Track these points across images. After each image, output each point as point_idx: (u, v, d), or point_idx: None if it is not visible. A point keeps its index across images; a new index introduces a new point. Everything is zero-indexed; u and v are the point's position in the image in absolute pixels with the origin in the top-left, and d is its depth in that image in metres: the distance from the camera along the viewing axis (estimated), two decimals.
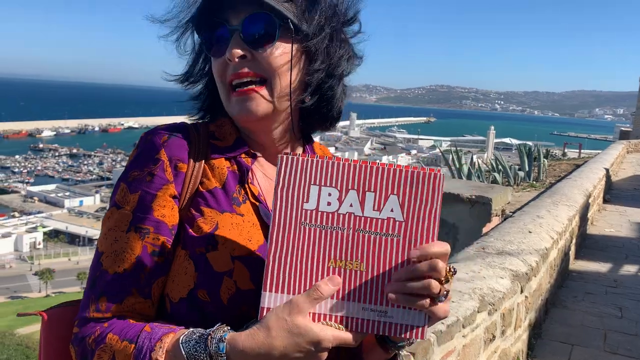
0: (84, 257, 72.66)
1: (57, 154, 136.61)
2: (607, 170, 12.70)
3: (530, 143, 19.50)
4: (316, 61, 1.15)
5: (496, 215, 7.18)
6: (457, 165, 13.37)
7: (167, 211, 1.08)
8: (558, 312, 5.56)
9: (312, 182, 0.96)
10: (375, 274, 0.96)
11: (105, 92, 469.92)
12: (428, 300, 0.95)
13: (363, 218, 0.96)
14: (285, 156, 0.97)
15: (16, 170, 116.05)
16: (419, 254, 0.95)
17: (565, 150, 27.57)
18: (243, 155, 1.18)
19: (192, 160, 1.11)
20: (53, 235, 79.80)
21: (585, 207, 8.31)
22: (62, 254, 73.10)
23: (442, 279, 0.96)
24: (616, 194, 13.00)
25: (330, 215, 0.96)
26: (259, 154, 1.21)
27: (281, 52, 1.11)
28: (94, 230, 78.67)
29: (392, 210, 0.96)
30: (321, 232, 0.96)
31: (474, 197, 7.09)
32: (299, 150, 1.28)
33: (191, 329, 0.99)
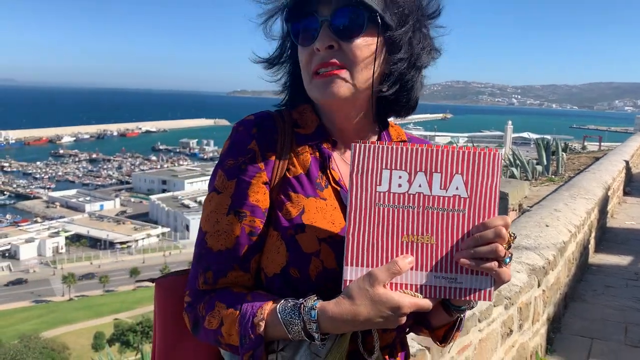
0: (106, 261, 73.62)
1: (77, 159, 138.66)
2: (627, 162, 12.52)
3: (548, 137, 19.28)
4: (399, 52, 1.21)
5: (513, 210, 7.15)
6: None
7: (260, 196, 1.19)
8: (577, 306, 5.51)
9: (384, 167, 1.07)
10: (444, 245, 1.06)
11: (122, 97, 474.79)
12: (496, 263, 1.05)
13: (431, 197, 1.06)
14: (358, 144, 1.08)
15: (37, 176, 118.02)
16: (484, 227, 1.05)
17: (585, 144, 27.17)
18: (324, 142, 1.26)
19: (279, 149, 1.21)
20: (75, 240, 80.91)
21: (605, 200, 8.22)
22: (84, 257, 74.05)
23: (506, 244, 1.06)
24: (637, 186, 12.80)
25: (402, 195, 1.07)
26: (338, 140, 1.28)
27: (367, 44, 1.17)
28: (114, 234, 79.66)
29: (457, 188, 1.06)
30: (394, 211, 1.07)
31: None
32: (375, 136, 1.34)
33: (286, 299, 1.12)
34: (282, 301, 1.11)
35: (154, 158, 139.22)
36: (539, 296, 4.08)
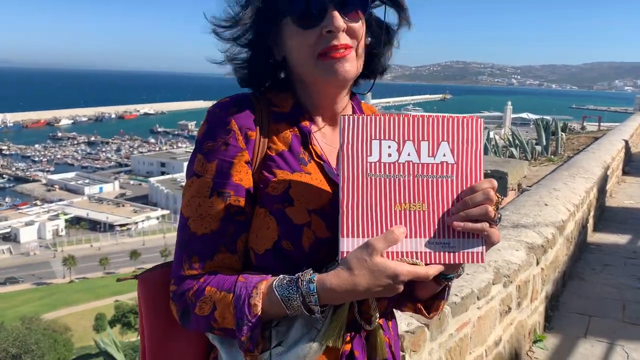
0: (105, 243, 73.87)
1: (75, 142, 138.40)
2: (627, 141, 12.49)
3: (548, 117, 19.23)
4: (375, 27, 1.28)
5: (512, 190, 7.15)
6: None
7: (243, 175, 1.18)
8: (576, 284, 5.53)
9: (373, 137, 1.09)
10: (436, 211, 1.09)
11: (120, 79, 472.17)
12: (486, 224, 1.08)
13: (420, 164, 1.09)
14: (346, 117, 1.09)
15: (36, 159, 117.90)
16: (473, 191, 1.08)
17: (585, 124, 27.10)
18: (302, 119, 1.26)
19: (259, 128, 1.20)
20: (74, 222, 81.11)
21: (604, 179, 8.22)
22: (84, 240, 74.31)
23: (494, 206, 1.09)
24: (636, 165, 12.78)
25: (392, 165, 1.09)
26: (314, 117, 1.29)
27: (362, 23, 1.22)
28: (114, 217, 79.82)
29: (444, 155, 1.09)
30: (385, 180, 1.08)
31: (489, 171, 7.05)
32: (349, 108, 1.36)
33: (281, 275, 1.11)
34: (277, 278, 1.11)
35: (152, 140, 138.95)
36: (537, 274, 4.09)
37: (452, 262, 1.10)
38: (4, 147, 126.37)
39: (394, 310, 1.41)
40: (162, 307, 1.24)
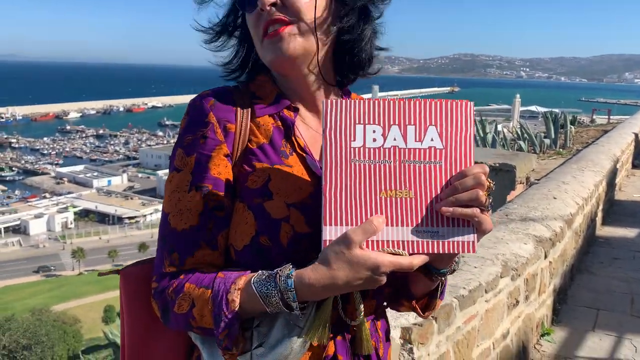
0: (114, 236, 74.24)
1: (83, 135, 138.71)
2: (637, 135, 12.39)
3: (557, 110, 19.11)
4: (345, 3, 1.19)
5: (520, 183, 7.13)
6: (482, 135, 13.22)
7: (222, 169, 1.15)
8: (584, 278, 5.52)
9: (357, 122, 1.04)
10: (423, 198, 1.04)
11: (128, 73, 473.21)
12: (477, 209, 1.02)
13: (407, 149, 1.04)
14: (329, 101, 1.05)
15: (45, 152, 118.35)
16: (463, 175, 1.03)
17: (594, 117, 26.92)
18: (285, 110, 1.22)
19: (238, 120, 1.17)
20: (83, 215, 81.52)
21: (613, 173, 8.17)
22: (92, 232, 74.74)
23: (485, 192, 1.04)
24: None
25: (377, 150, 1.04)
26: (299, 107, 1.25)
27: None
28: (122, 209, 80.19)
29: (432, 140, 1.04)
30: (370, 166, 1.04)
31: (497, 164, 7.03)
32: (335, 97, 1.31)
33: (260, 271, 1.08)
34: (256, 274, 1.07)
35: (160, 133, 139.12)
36: (545, 267, 4.09)
37: (440, 251, 1.04)
38: (13, 140, 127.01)
39: (387, 310, 1.36)
40: (144, 303, 1.21)
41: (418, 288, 1.27)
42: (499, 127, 16.94)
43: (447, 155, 1.04)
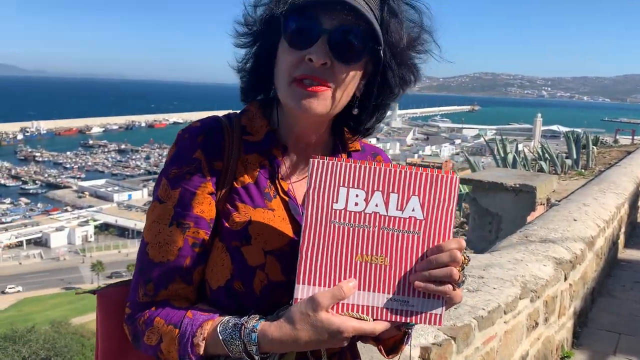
0: (133, 250, 74.65)
1: (106, 149, 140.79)
2: None
3: (579, 130, 18.94)
4: (375, 81, 1.19)
5: (541, 204, 7.08)
6: (502, 154, 13.16)
7: (205, 207, 1.16)
8: (605, 301, 5.46)
9: (341, 184, 1.05)
10: (398, 267, 1.06)
11: (150, 89, 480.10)
12: (450, 286, 1.04)
13: (387, 217, 1.05)
14: (315, 160, 1.06)
15: (68, 166, 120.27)
16: (439, 250, 1.05)
17: (617, 137, 26.58)
18: (274, 150, 1.22)
19: (226, 158, 1.18)
20: (103, 229, 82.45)
21: (636, 195, 8.08)
22: (112, 246, 75.40)
23: (460, 267, 1.05)
24: None
25: (358, 214, 1.05)
26: (289, 146, 1.25)
27: (356, 70, 1.15)
28: (142, 223, 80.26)
29: (413, 210, 1.06)
30: (349, 229, 1.05)
31: (517, 185, 7.01)
32: (329, 143, 1.32)
33: (227, 317, 1.10)
34: (223, 319, 1.10)
35: None
36: (565, 290, 4.07)
37: (408, 321, 1.06)
38: (37, 154, 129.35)
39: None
40: (119, 324, 1.23)
41: (385, 333, 1.21)
42: (520, 147, 16.84)
43: (426, 226, 1.05)
